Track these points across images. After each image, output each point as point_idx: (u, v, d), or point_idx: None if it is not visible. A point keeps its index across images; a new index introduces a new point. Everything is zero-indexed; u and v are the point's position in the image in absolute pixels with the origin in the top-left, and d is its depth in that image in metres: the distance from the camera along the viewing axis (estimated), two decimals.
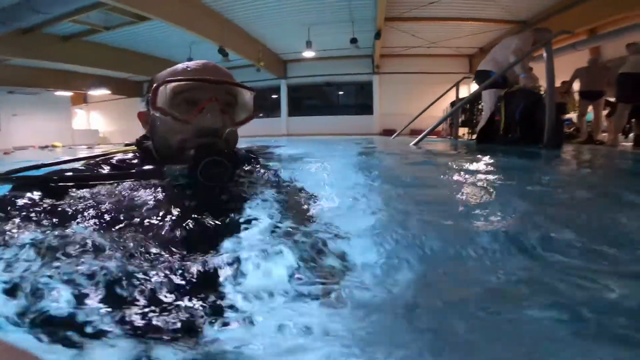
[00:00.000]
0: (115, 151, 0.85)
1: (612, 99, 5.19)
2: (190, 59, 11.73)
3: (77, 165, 0.76)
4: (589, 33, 7.35)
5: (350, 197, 0.98)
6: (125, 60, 12.43)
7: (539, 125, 3.57)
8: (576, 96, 6.08)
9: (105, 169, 0.70)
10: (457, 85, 6.45)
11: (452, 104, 7.89)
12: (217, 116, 0.66)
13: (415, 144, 3.35)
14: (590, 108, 5.48)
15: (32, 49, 9.75)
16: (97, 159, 0.76)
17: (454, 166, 2.05)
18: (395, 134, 6.78)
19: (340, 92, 15.44)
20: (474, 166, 1.98)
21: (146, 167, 0.66)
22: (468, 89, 11.74)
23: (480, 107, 6.34)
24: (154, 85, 0.67)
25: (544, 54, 3.57)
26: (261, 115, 16.01)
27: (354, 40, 9.86)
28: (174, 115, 0.66)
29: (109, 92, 15.35)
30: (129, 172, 0.66)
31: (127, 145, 0.91)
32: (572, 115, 6.51)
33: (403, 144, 4.45)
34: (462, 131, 7.86)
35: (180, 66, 0.74)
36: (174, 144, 0.68)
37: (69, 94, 16.17)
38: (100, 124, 19.19)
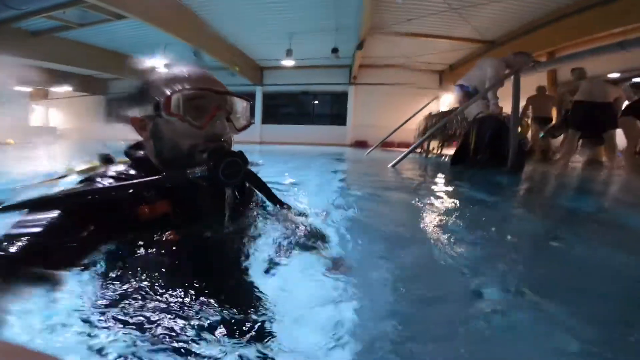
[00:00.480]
0: (87, 169, 0.87)
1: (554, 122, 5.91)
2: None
3: (73, 181, 0.75)
4: (548, 55, 7.85)
5: None
6: (96, 57, 11.90)
7: (504, 149, 3.79)
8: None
9: (106, 182, 0.68)
10: (431, 102, 6.70)
11: (425, 119, 8.18)
12: (224, 123, 0.75)
13: (392, 166, 3.39)
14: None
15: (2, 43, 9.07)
16: (91, 174, 0.74)
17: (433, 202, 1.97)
18: (369, 150, 6.88)
19: (316, 102, 15.45)
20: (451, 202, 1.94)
21: (172, 171, 0.68)
22: (437, 104, 12.30)
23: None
24: (169, 93, 0.70)
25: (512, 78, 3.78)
26: None
27: (335, 50, 9.98)
28: (191, 122, 0.70)
29: (70, 89, 14.49)
30: (156, 177, 0.66)
31: (105, 159, 0.89)
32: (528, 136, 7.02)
33: (378, 163, 4.49)
34: (433, 144, 8.13)
35: (178, 73, 0.77)
36: (184, 148, 0.72)
37: (28, 89, 15.12)
38: (60, 121, 18.06)
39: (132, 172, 0.74)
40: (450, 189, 2.11)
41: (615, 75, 6.85)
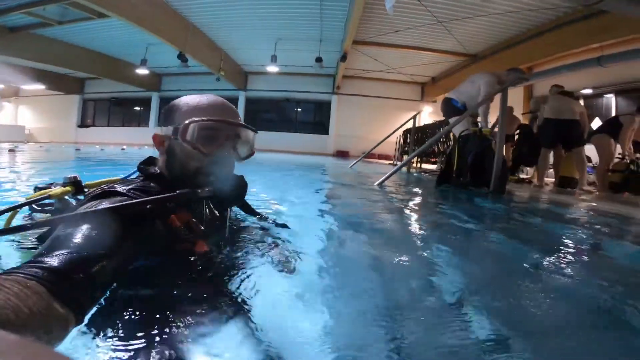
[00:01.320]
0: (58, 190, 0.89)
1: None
2: (144, 61, 11.21)
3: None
4: (527, 70, 8.06)
5: None
6: (73, 56, 11.51)
7: (487, 171, 3.70)
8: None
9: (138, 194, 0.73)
10: (414, 117, 6.81)
11: (406, 132, 8.36)
12: (231, 152, 0.87)
13: (378, 185, 3.39)
14: None
15: None
16: (106, 186, 0.77)
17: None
18: (353, 163, 6.90)
19: (299, 109, 15.38)
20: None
21: (182, 190, 0.75)
22: (419, 118, 12.63)
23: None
24: (186, 121, 0.80)
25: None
26: None
27: (319, 59, 10.08)
28: (200, 150, 0.80)
29: (43, 87, 13.93)
30: (174, 194, 0.73)
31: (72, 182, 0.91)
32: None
33: (363, 178, 4.43)
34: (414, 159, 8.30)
35: (201, 101, 0.86)
36: (191, 169, 0.83)
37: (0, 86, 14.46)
38: (29, 120, 17.24)
39: (152, 185, 0.79)
40: (431, 214, 2.09)
41: (588, 91, 7.16)
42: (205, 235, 0.82)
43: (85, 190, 0.90)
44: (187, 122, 0.79)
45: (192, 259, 0.76)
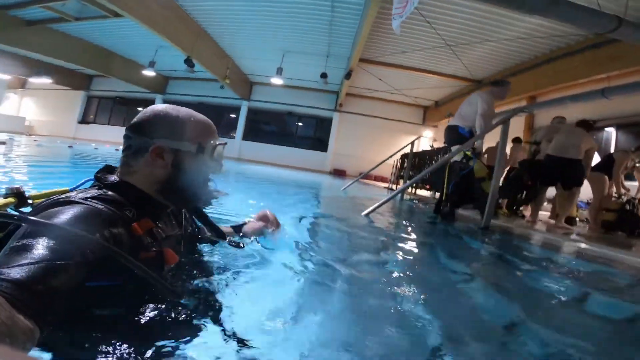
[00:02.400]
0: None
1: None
2: (152, 62, 11.33)
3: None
4: (529, 100, 8.22)
5: None
6: (85, 52, 11.70)
7: (466, 200, 3.57)
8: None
9: (98, 204, 0.71)
10: (413, 142, 6.73)
11: (404, 156, 8.29)
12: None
13: (366, 215, 3.25)
14: None
15: None
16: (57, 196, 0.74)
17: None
18: (346, 186, 6.74)
19: (300, 124, 15.39)
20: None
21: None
22: (418, 143, 12.66)
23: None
24: (215, 142, 0.92)
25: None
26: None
27: (324, 75, 10.18)
28: (220, 167, 0.96)
29: (50, 80, 14.02)
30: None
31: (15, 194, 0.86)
32: None
33: (353, 204, 4.27)
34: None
35: (203, 118, 0.94)
36: (201, 180, 0.91)
37: (7, 77, 14.62)
38: (32, 112, 17.33)
39: (111, 193, 0.77)
40: (411, 256, 1.94)
41: None
42: (170, 244, 0.85)
43: (30, 201, 0.84)
44: (216, 142, 0.91)
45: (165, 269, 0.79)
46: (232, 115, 15.49)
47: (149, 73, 12.31)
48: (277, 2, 7.25)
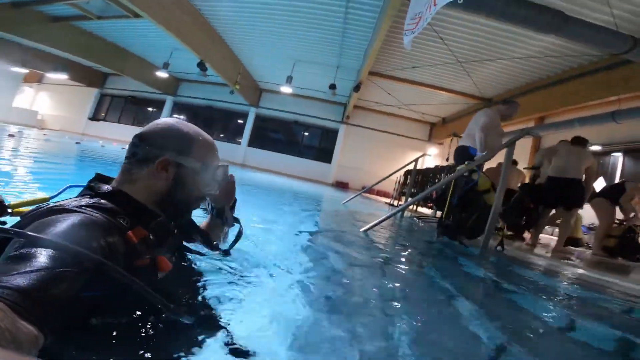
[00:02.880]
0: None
1: None
2: (166, 64, 11.53)
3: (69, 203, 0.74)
4: (537, 120, 8.14)
5: None
6: (103, 50, 11.99)
7: (466, 219, 3.44)
8: None
9: (94, 212, 0.72)
10: (417, 159, 6.69)
11: (407, 173, 8.24)
12: None
13: (364, 231, 3.19)
14: None
15: (18, 24, 9.37)
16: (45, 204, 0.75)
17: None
18: (347, 200, 6.69)
19: (306, 134, 15.45)
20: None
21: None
22: (422, 160, 12.62)
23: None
24: (222, 164, 1.03)
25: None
26: (222, 136, 15.76)
27: (333, 86, 10.27)
28: (218, 187, 1.05)
29: (66, 77, 14.31)
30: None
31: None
32: None
33: (352, 221, 4.16)
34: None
35: (208, 137, 1.01)
36: (198, 197, 0.99)
37: (24, 71, 14.95)
38: (45, 107, 17.65)
39: (105, 202, 0.77)
40: (405, 279, 1.89)
41: (597, 147, 6.73)
42: (162, 252, 0.86)
43: (9, 210, 0.86)
44: (223, 164, 1.03)
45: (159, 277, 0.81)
46: (240, 121, 15.62)
47: (162, 74, 12.53)
48: (292, 11, 7.39)
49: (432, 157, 13.29)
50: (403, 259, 2.46)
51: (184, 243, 1.16)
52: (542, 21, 3.79)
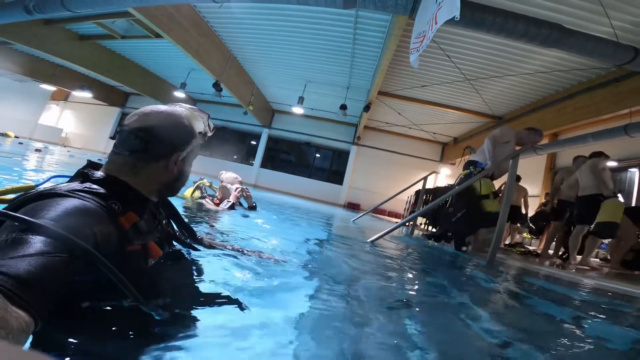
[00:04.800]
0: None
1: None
2: (184, 84, 11.99)
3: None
4: (551, 137, 7.96)
5: None
6: (125, 70, 12.55)
7: (452, 214, 3.48)
8: None
9: (90, 197, 0.73)
10: (425, 178, 6.66)
11: (417, 193, 8.15)
12: None
13: (371, 242, 3.17)
14: None
15: (48, 42, 9.92)
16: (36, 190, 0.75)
17: None
18: (356, 217, 6.65)
19: (317, 155, 15.51)
20: None
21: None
22: (435, 180, 12.51)
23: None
24: (201, 130, 1.03)
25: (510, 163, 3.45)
26: (235, 157, 16.04)
27: (343, 107, 10.39)
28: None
29: (90, 95, 15.02)
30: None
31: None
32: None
33: (360, 235, 4.15)
34: (420, 219, 8.05)
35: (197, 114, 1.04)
36: (183, 183, 1.00)
37: (53, 88, 15.77)
38: (70, 125, 18.43)
39: (96, 187, 0.78)
40: (411, 289, 1.85)
41: (613, 163, 6.50)
42: (153, 239, 0.88)
43: None
44: (203, 119, 1.04)
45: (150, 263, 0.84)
46: (253, 142, 15.89)
47: (179, 94, 12.99)
48: (303, 33, 7.65)
49: (445, 177, 13.14)
50: (409, 271, 2.41)
51: (174, 241, 1.17)
52: (542, 35, 3.84)
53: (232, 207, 3.05)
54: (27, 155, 6.49)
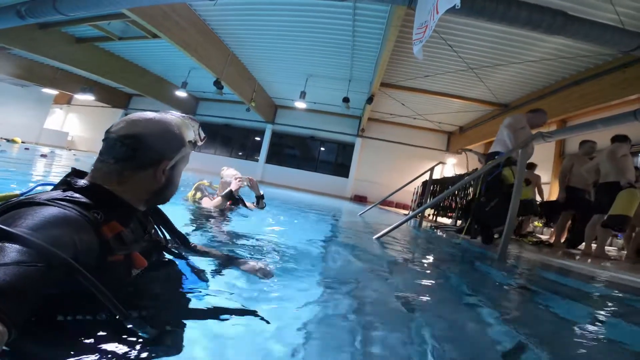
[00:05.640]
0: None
1: None
2: (185, 83, 11.95)
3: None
4: (559, 124, 7.84)
5: None
6: (125, 71, 12.55)
7: (485, 205, 3.39)
8: None
9: (70, 205, 0.70)
10: (432, 169, 6.56)
11: (424, 183, 8.07)
12: None
13: (377, 238, 3.11)
14: None
15: (45, 45, 9.95)
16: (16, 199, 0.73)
17: None
18: (363, 211, 6.55)
19: (322, 149, 15.45)
20: None
21: None
22: (441, 169, 12.36)
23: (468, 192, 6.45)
24: (191, 140, 0.99)
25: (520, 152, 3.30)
26: (240, 153, 16.04)
27: (346, 99, 10.28)
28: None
29: (93, 98, 15.08)
30: None
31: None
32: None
33: (366, 229, 4.09)
34: (428, 210, 7.97)
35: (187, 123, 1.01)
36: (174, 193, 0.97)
37: (55, 92, 15.86)
38: (75, 128, 18.58)
39: (78, 195, 0.75)
40: (426, 280, 1.82)
41: None
42: (138, 249, 0.84)
43: None
44: (192, 137, 0.99)
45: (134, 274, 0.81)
46: (257, 138, 15.87)
47: (180, 93, 12.99)
48: (302, 28, 7.54)
49: (452, 166, 12.99)
50: (419, 264, 2.39)
51: (164, 251, 1.12)
52: (545, 22, 3.71)
53: (231, 197, 2.94)
54: (33, 161, 6.54)
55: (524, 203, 3.46)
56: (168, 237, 1.18)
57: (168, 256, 1.13)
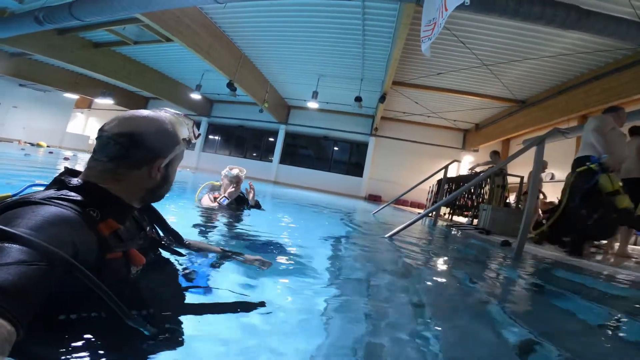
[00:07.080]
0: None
1: None
2: (199, 86, 12.13)
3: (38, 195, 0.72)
4: (581, 119, 7.49)
5: None
6: (142, 75, 12.81)
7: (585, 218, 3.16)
8: None
9: (67, 204, 0.71)
10: (446, 167, 6.41)
11: (439, 182, 7.89)
12: None
13: (389, 237, 3.05)
14: None
15: (64, 50, 10.25)
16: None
17: None
18: (376, 210, 6.46)
19: (336, 148, 15.39)
20: None
21: None
22: (457, 168, 12.11)
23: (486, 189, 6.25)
24: (185, 137, 0.98)
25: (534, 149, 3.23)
26: (254, 154, 16.16)
27: (358, 99, 10.19)
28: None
29: (112, 102, 15.49)
30: None
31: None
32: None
33: (379, 229, 4.02)
34: (444, 209, 7.79)
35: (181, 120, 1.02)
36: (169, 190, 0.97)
37: (75, 96, 16.36)
38: (96, 132, 19.06)
39: (73, 194, 0.75)
40: (439, 281, 1.80)
41: None
42: (135, 246, 0.85)
43: None
44: (189, 125, 0.99)
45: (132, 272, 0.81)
46: (271, 139, 15.94)
47: (195, 96, 13.19)
48: (312, 28, 7.53)
49: (469, 164, 12.70)
50: (433, 264, 2.37)
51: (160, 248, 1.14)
52: (559, 17, 3.57)
53: (229, 205, 2.92)
54: (57, 164, 6.78)
55: (627, 211, 3.19)
56: (162, 234, 1.19)
57: (165, 254, 1.15)
